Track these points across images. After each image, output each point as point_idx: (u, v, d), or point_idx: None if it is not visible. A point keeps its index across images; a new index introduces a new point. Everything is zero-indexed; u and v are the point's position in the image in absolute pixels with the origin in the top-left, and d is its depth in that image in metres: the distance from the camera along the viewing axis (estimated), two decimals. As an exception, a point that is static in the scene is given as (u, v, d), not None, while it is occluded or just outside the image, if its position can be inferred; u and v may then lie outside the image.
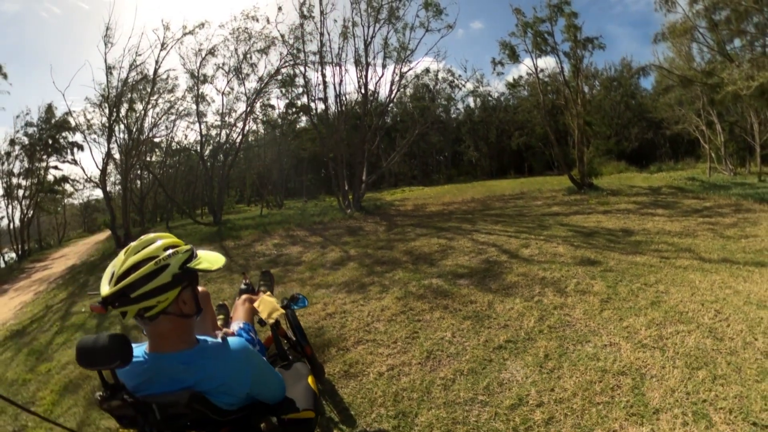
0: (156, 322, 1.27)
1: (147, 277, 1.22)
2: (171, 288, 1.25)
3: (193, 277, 1.36)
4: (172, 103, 18.22)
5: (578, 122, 13.95)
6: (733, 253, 5.41)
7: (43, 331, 5.93)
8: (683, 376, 2.66)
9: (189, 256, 1.32)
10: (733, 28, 11.29)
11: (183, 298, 1.31)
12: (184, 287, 1.31)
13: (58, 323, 6.10)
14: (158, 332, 1.30)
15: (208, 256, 1.39)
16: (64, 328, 5.74)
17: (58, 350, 4.92)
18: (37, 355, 4.97)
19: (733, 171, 19.59)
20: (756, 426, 2.15)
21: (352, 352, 3.43)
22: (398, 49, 14.35)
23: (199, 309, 1.40)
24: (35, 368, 4.46)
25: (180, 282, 1.28)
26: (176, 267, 1.27)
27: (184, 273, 1.29)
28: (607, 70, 33.52)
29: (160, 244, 1.30)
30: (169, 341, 1.31)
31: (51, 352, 4.95)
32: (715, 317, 3.53)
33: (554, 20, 13.62)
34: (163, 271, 1.24)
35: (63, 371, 4.18)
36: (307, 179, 32.39)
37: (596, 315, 3.74)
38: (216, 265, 1.37)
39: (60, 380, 3.94)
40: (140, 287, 1.20)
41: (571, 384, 2.68)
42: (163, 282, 1.24)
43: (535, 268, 5.22)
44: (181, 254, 1.30)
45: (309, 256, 7.47)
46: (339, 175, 14.05)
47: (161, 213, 24.80)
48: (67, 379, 3.92)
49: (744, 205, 9.18)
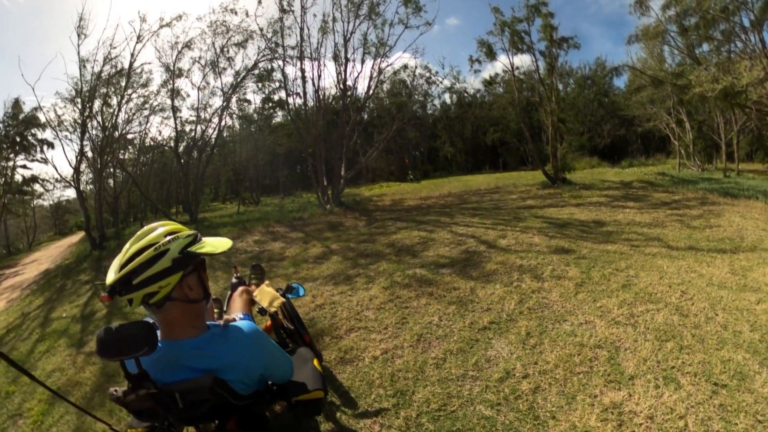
0: (163, 309, 1.28)
1: (147, 263, 1.22)
2: (172, 273, 1.25)
3: (197, 262, 1.36)
4: (146, 98, 17.67)
5: (552, 119, 14.37)
6: (698, 242, 5.83)
7: (22, 340, 5.73)
8: (654, 348, 2.99)
9: (191, 241, 1.33)
10: (701, 34, 11.98)
11: (188, 284, 1.32)
12: (189, 272, 1.31)
13: (38, 331, 5.87)
14: (168, 320, 1.31)
15: (212, 241, 1.39)
16: (46, 336, 5.54)
17: (41, 358, 4.76)
18: (18, 365, 4.83)
19: (701, 167, 20.55)
20: (716, 385, 2.50)
21: (346, 339, 3.57)
22: (377, 45, 14.43)
23: (207, 294, 1.40)
24: (18, 379, 4.22)
25: (181, 266, 1.28)
26: (176, 251, 1.27)
27: (186, 257, 1.29)
28: (582, 69, 34.28)
29: (161, 231, 1.31)
30: (179, 328, 1.32)
31: (33, 361, 4.77)
32: (681, 297, 3.89)
33: (531, 20, 13.96)
34: (163, 257, 1.24)
35: (49, 380, 4.04)
36: (284, 175, 32.17)
37: (572, 297, 4.04)
38: (220, 248, 1.37)
39: (47, 389, 3.84)
40: (141, 273, 1.21)
41: (552, 357, 2.95)
42: (163, 267, 1.24)
43: (513, 257, 5.49)
44: (182, 239, 1.30)
45: (291, 252, 7.53)
46: (318, 170, 14.05)
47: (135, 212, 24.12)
48: (54, 387, 3.73)
49: (710, 199, 9.74)
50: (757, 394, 2.40)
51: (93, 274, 9.31)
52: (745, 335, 3.10)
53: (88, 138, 14.74)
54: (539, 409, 2.42)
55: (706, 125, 21.63)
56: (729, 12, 10.94)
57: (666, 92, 16.99)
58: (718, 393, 2.43)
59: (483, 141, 33.61)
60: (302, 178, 33.53)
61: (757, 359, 2.77)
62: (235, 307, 2.20)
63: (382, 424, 2.41)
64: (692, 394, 2.44)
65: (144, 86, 17.00)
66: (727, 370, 2.65)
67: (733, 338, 3.07)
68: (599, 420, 2.28)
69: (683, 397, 2.41)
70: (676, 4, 12.08)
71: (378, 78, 15.08)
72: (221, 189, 34.13)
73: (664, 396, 2.43)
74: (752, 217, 7.50)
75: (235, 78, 16.61)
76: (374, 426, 2.40)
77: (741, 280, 4.28)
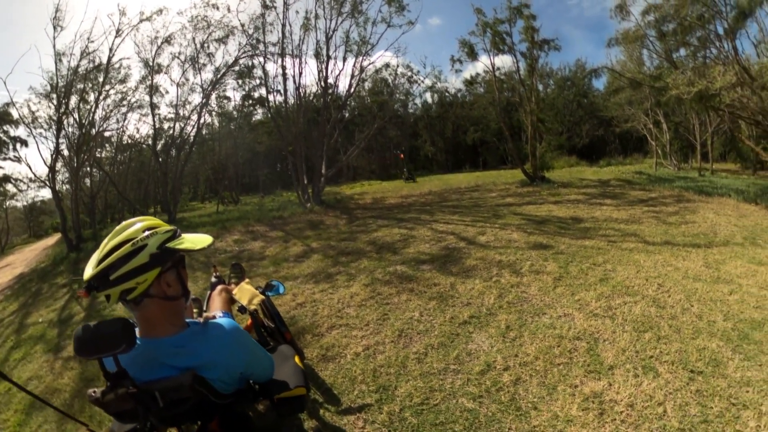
0: (142, 306, 1.26)
1: (124, 258, 1.20)
2: (149, 269, 1.23)
3: (176, 259, 1.34)
4: (124, 95, 17.15)
5: (532, 119, 14.61)
6: (674, 237, 5.99)
7: (-4, 348, 5.48)
8: (632, 338, 3.05)
9: (170, 237, 1.30)
10: (679, 39, 12.36)
11: (166, 280, 1.29)
12: (167, 269, 1.29)
13: (13, 337, 5.65)
14: (146, 317, 1.29)
15: (192, 237, 1.36)
16: (21, 342, 5.33)
17: (17, 366, 4.58)
18: (-9, 373, 4.61)
19: (677, 166, 21.30)
20: (693, 372, 2.59)
21: (327, 336, 3.54)
22: (359, 43, 14.37)
23: (186, 291, 1.38)
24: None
25: (159, 263, 1.25)
26: (154, 247, 1.24)
27: (164, 253, 1.26)
28: (562, 70, 35.04)
29: (139, 226, 1.29)
30: (158, 325, 1.30)
31: (9, 369, 4.57)
32: (658, 289, 4.00)
33: (513, 21, 14.16)
34: (140, 252, 1.22)
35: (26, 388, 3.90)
36: (263, 174, 31.82)
37: (550, 291, 4.09)
38: (199, 245, 1.33)
39: (24, 398, 3.61)
40: (119, 268, 1.19)
41: (532, 350, 2.98)
42: (141, 263, 1.21)
43: (492, 253, 5.53)
44: (161, 234, 1.28)
45: (272, 251, 7.45)
46: (298, 169, 13.92)
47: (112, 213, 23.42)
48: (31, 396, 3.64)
49: (685, 196, 10.07)
50: (731, 379, 2.50)
51: (70, 276, 9.03)
52: (719, 324, 3.20)
53: (64, 135, 14.19)
54: (521, 400, 2.43)
55: (683, 126, 22.38)
56: (705, 20, 11.37)
57: (644, 94, 17.47)
58: (695, 379, 2.51)
59: (463, 140, 33.95)
60: (282, 177, 33.21)
61: (730, 346, 2.87)
62: (214, 306, 2.16)
63: (365, 419, 2.39)
64: (670, 381, 2.50)
65: (122, 82, 16.51)
66: (703, 357, 2.74)
67: (707, 327, 3.16)
68: (581, 409, 2.30)
69: (661, 385, 2.47)
70: (656, 10, 12.49)
71: (359, 76, 15.08)
72: (200, 188, 33.58)
73: (643, 384, 2.48)
74: (725, 213, 7.78)
75: (215, 74, 16.35)
76: (358, 422, 2.38)
77: (715, 272, 4.42)
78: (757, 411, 2.22)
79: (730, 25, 10.98)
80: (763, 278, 4.21)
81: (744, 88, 10.77)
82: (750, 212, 8.09)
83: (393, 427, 2.30)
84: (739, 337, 3.01)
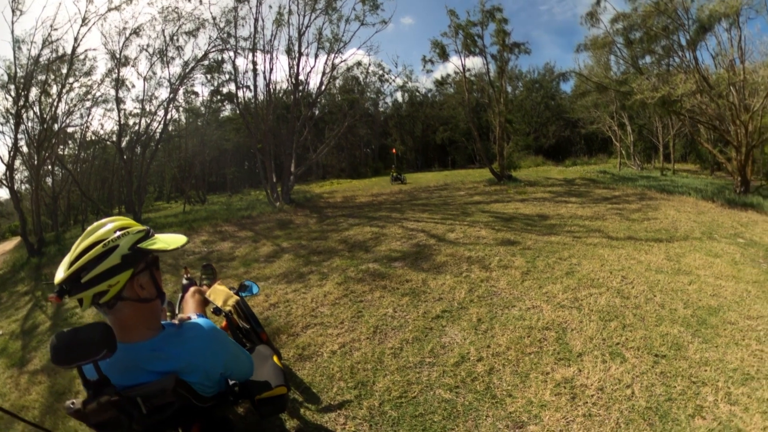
0: (115, 309, 1.21)
1: (96, 260, 1.15)
2: (121, 270, 1.18)
3: (149, 260, 1.30)
4: (89, 88, 15.95)
5: (500, 120, 14.98)
6: (637, 232, 6.27)
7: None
8: (598, 327, 3.20)
9: (142, 237, 1.25)
10: (645, 47, 13.08)
11: (140, 282, 1.25)
12: (140, 270, 1.25)
13: None
14: (121, 320, 1.24)
15: (165, 237, 1.31)
16: None
17: None
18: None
19: (641, 166, 22.38)
20: (657, 356, 2.78)
21: (303, 336, 3.52)
22: (331, 41, 14.26)
23: (160, 293, 1.34)
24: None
25: (131, 264, 1.21)
26: (126, 248, 1.19)
27: (136, 254, 1.21)
28: (531, 73, 35.98)
29: (111, 227, 1.24)
30: (133, 329, 1.26)
31: None
32: (622, 281, 4.20)
33: (485, 24, 14.52)
34: (112, 253, 1.17)
35: None
36: (231, 172, 31.20)
37: (518, 285, 4.22)
38: (173, 245, 1.28)
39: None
40: (90, 270, 1.14)
41: (504, 340, 3.07)
42: (112, 264, 1.17)
43: (462, 249, 5.64)
44: (132, 235, 1.23)
45: (241, 252, 7.31)
46: (267, 166, 13.68)
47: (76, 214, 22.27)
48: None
49: (648, 194, 10.61)
50: (691, 360, 2.72)
51: (32, 283, 8.52)
52: (680, 312, 3.42)
53: (24, 131, 13.21)
54: (496, 388, 2.50)
55: (646, 129, 23.61)
56: (669, 31, 12.11)
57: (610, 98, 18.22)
58: (659, 362, 2.69)
59: (433, 139, 34.30)
60: (250, 175, 32.69)
61: (690, 331, 3.09)
62: (188, 309, 2.08)
63: (346, 415, 2.40)
64: (636, 365, 2.66)
65: (87, 74, 15.44)
66: (666, 342, 2.93)
67: (669, 315, 3.37)
68: (553, 394, 2.40)
69: (628, 369, 2.62)
70: (624, 19, 13.15)
71: (331, 74, 14.96)
72: (165, 187, 32.46)
73: (612, 369, 2.61)
74: (685, 210, 8.25)
75: (183, 68, 15.77)
76: (339, 418, 2.38)
77: (675, 265, 4.69)
78: (715, 387, 2.46)
79: (691, 37, 11.78)
80: (719, 269, 4.53)
81: (703, 95, 11.62)
82: (708, 209, 8.61)
83: (374, 422, 2.32)
84: (698, 322, 3.24)
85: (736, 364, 2.71)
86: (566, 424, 2.21)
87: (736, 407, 2.31)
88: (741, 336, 3.10)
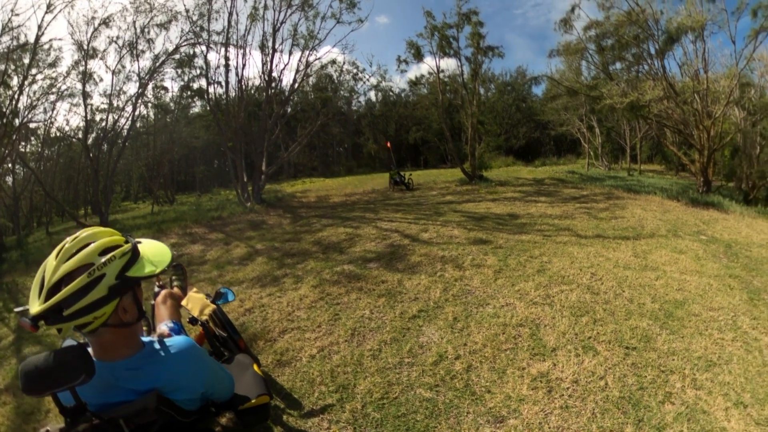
0: (97, 334, 1.14)
1: (80, 292, 1.05)
2: (108, 302, 1.09)
3: (134, 281, 1.19)
4: (53, 81, 15.03)
5: (472, 121, 15.23)
6: (605, 231, 6.49)
7: None
8: (570, 322, 3.32)
9: (128, 261, 1.16)
10: (616, 54, 13.71)
11: (123, 306, 1.16)
12: (124, 294, 1.16)
13: None
14: (100, 342, 1.17)
15: (151, 256, 1.23)
16: None
17: None
18: None
19: (608, 167, 23.33)
20: (628, 348, 2.92)
21: (280, 341, 3.46)
22: (306, 38, 14.07)
23: (141, 314, 1.25)
24: None
25: (119, 293, 1.12)
26: (112, 277, 1.10)
27: (123, 282, 1.13)
28: (503, 76, 36.54)
29: (95, 247, 1.12)
30: (114, 350, 1.19)
31: None
32: (592, 278, 4.35)
33: (461, 27, 14.71)
34: (98, 284, 1.07)
35: None
36: (200, 171, 30.48)
37: (492, 283, 4.32)
38: (161, 265, 1.22)
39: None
40: (73, 304, 1.04)
41: (480, 338, 3.14)
42: (99, 296, 1.07)
43: (435, 249, 5.70)
44: (118, 259, 1.13)
45: (213, 254, 7.14)
46: (237, 165, 13.36)
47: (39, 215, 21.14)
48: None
49: (615, 194, 11.01)
50: (660, 351, 2.88)
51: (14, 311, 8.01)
52: (648, 306, 3.59)
53: None
54: (474, 385, 2.56)
55: (614, 131, 24.63)
56: (639, 39, 12.77)
57: (579, 101, 18.90)
58: (630, 354, 2.83)
59: (406, 139, 34.46)
60: (220, 174, 31.99)
61: (658, 324, 3.26)
62: (161, 316, 1.98)
63: (330, 419, 2.38)
64: (608, 358, 2.78)
65: (52, 66, 14.58)
66: (635, 335, 3.07)
67: (638, 309, 3.53)
68: (530, 389, 2.48)
69: (601, 361, 2.74)
70: (597, 26, 13.72)
71: (305, 71, 14.73)
72: (133, 187, 31.40)
73: (585, 362, 2.72)
74: (651, 209, 8.61)
75: (153, 62, 15.24)
76: (322, 423, 2.36)
77: (642, 261, 4.90)
78: (682, 374, 2.63)
79: (660, 47, 12.51)
80: (684, 264, 4.77)
81: (669, 101, 12.40)
82: (673, 208, 9.03)
83: (357, 424, 2.31)
84: (665, 315, 3.41)
85: (700, 353, 2.90)
86: (544, 416, 2.28)
87: (701, 392, 2.49)
88: (704, 326, 3.30)
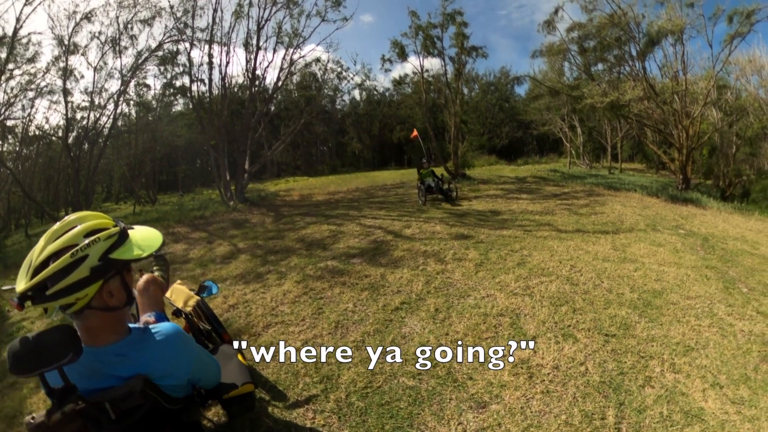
0: (83, 317, 1.14)
1: (63, 272, 1.05)
2: (90, 283, 1.09)
3: (120, 265, 1.17)
4: (32, 77, 14.56)
5: (455, 120, 15.38)
6: (585, 226, 6.62)
7: None
8: (550, 312, 3.38)
9: (114, 243, 1.14)
10: (597, 56, 14.10)
11: (109, 289, 1.15)
12: (110, 277, 1.15)
13: None
14: (87, 326, 1.16)
15: (140, 240, 1.22)
16: None
17: None
18: None
19: (590, 165, 23.76)
20: (607, 336, 3.00)
21: (264, 335, 3.45)
22: (291, 35, 13.98)
23: (130, 298, 1.24)
24: None
25: (102, 275, 1.11)
26: (95, 258, 1.09)
27: (107, 264, 1.12)
28: (487, 76, 36.79)
29: (79, 230, 1.12)
30: (100, 335, 1.18)
31: None
32: (571, 270, 4.43)
33: (446, 27, 14.79)
34: (80, 264, 1.07)
35: None
36: (182, 170, 30.01)
37: (473, 276, 4.38)
38: (149, 249, 1.20)
39: None
40: (56, 283, 1.05)
41: (461, 328, 3.19)
42: (80, 277, 1.07)
43: (418, 244, 5.75)
44: (103, 241, 1.12)
45: (196, 253, 7.05)
46: (220, 164, 13.22)
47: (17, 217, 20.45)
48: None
49: (595, 191, 11.24)
50: (639, 338, 2.96)
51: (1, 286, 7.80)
52: (627, 296, 3.68)
53: None
54: (456, 372, 2.59)
55: (596, 131, 25.03)
56: (621, 42, 13.14)
57: (562, 101, 19.16)
58: (609, 341, 2.89)
59: (390, 138, 34.52)
60: (202, 173, 31.59)
61: (637, 312, 3.35)
62: (144, 305, 1.91)
63: (314, 410, 2.38)
64: (588, 345, 2.84)
65: (31, 61, 14.12)
66: (615, 323, 3.15)
67: (617, 299, 3.62)
68: (511, 375, 2.52)
69: (581, 348, 2.79)
70: (580, 28, 14.02)
71: (289, 69, 14.61)
72: (114, 187, 30.67)
73: (565, 349, 2.77)
74: (631, 205, 8.83)
75: (136, 59, 14.98)
76: (307, 413, 2.36)
77: (621, 254, 5.01)
78: (660, 359, 2.72)
79: (641, 49, 12.89)
80: (662, 257, 4.91)
81: (650, 101, 12.76)
82: (652, 204, 9.27)
83: (342, 413, 2.32)
84: (644, 304, 3.51)
85: (678, 339, 2.99)
86: (526, 401, 2.32)
87: (680, 375, 2.57)
88: (682, 314, 3.41)
